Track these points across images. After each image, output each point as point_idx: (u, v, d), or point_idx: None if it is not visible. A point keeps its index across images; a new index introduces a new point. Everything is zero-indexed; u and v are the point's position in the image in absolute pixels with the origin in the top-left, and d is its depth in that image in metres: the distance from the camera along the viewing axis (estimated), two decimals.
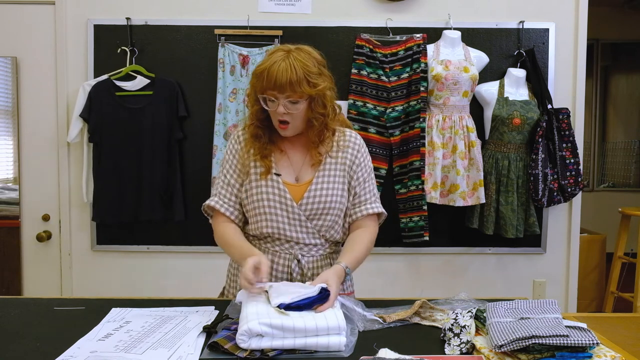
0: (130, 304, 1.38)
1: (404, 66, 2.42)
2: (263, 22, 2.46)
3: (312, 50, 1.41)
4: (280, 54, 1.32)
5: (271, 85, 1.30)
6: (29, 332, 1.19)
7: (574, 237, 2.57)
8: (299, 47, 1.37)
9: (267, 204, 1.39)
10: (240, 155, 1.44)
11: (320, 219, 1.42)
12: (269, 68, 1.30)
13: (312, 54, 1.39)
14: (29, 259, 2.54)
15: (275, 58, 1.31)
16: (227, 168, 1.46)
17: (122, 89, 2.40)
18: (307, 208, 1.40)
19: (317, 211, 1.41)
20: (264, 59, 1.36)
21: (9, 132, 2.49)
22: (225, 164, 1.47)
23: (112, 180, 2.41)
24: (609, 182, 5.43)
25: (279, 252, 1.44)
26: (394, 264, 2.55)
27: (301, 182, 1.42)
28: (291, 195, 1.39)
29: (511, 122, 2.35)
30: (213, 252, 2.53)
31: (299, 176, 1.44)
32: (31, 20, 2.48)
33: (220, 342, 1.06)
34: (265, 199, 1.39)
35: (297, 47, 1.36)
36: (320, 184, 1.42)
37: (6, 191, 2.52)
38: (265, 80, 1.31)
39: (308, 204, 1.40)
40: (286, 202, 1.39)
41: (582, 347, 0.97)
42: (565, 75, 2.52)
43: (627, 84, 5.40)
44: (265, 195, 1.39)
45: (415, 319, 1.27)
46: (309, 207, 1.40)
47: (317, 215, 1.41)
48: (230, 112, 2.43)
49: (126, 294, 2.42)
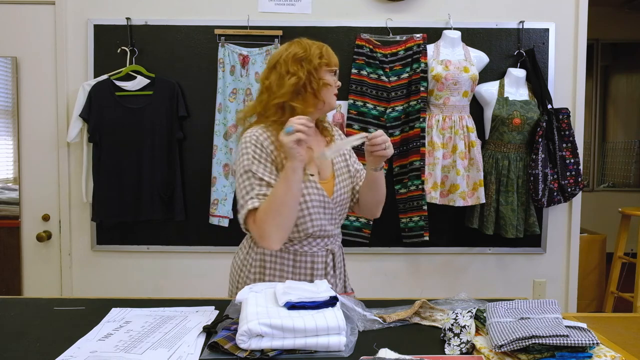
0: (130, 304, 1.38)
1: (404, 66, 2.42)
2: (263, 22, 2.46)
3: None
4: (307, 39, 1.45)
5: (334, 60, 1.43)
6: (29, 332, 1.19)
7: (574, 237, 2.57)
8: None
9: (310, 204, 1.40)
10: (269, 155, 1.37)
11: (344, 209, 1.52)
12: (322, 48, 1.42)
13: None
14: (29, 259, 2.54)
15: (310, 41, 1.44)
16: (260, 170, 1.35)
17: (122, 89, 2.40)
18: (337, 201, 1.47)
19: (344, 202, 1.50)
20: (295, 47, 1.41)
21: (9, 132, 2.49)
22: (253, 166, 1.34)
23: (112, 180, 2.41)
24: (609, 182, 5.43)
25: (316, 252, 1.47)
26: (394, 264, 2.55)
27: (326, 178, 1.47)
28: (325, 192, 1.44)
29: (511, 122, 2.35)
30: (213, 252, 2.54)
31: (320, 171, 1.46)
32: (31, 20, 2.48)
33: (220, 342, 1.06)
34: (308, 200, 1.40)
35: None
36: (342, 175, 1.50)
37: (6, 191, 2.52)
38: (329, 57, 1.42)
39: (338, 197, 1.47)
40: (325, 200, 1.43)
41: (582, 347, 0.97)
42: (565, 75, 2.52)
43: (627, 84, 5.40)
44: (308, 197, 1.40)
45: (415, 319, 1.27)
46: (338, 201, 1.48)
47: (343, 206, 1.51)
48: (230, 112, 2.43)
49: (126, 294, 2.44)
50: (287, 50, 1.42)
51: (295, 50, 1.40)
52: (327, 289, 1.20)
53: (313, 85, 1.38)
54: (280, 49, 1.45)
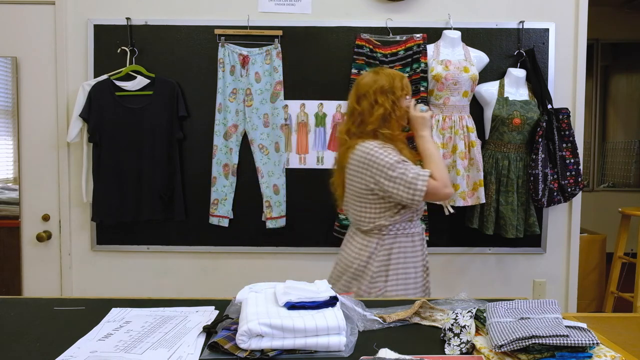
0: (130, 304, 1.38)
1: (404, 66, 2.42)
2: (263, 22, 2.46)
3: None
4: (387, 69, 1.78)
5: (410, 88, 1.78)
6: (29, 332, 1.19)
7: (574, 237, 2.57)
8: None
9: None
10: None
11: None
12: (403, 79, 1.74)
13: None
14: (29, 259, 2.54)
15: (391, 72, 1.75)
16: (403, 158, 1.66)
17: (122, 89, 2.40)
18: None
19: None
20: (382, 80, 1.70)
21: (9, 132, 2.49)
22: (399, 157, 1.65)
23: (112, 180, 2.41)
24: (609, 182, 5.43)
25: (421, 231, 1.81)
26: None
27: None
28: None
29: (511, 122, 2.35)
30: (213, 252, 2.54)
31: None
32: (31, 20, 2.48)
33: (220, 342, 1.06)
34: None
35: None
36: None
37: (6, 191, 2.52)
38: (408, 87, 1.76)
39: None
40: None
41: (582, 347, 0.97)
42: (565, 75, 2.52)
43: (627, 84, 5.40)
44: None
45: (415, 319, 1.27)
46: None
47: None
48: (230, 112, 2.43)
49: (126, 294, 2.44)
50: (375, 81, 1.70)
51: (382, 82, 1.69)
52: (327, 289, 1.20)
53: (396, 112, 1.70)
54: (368, 79, 1.72)
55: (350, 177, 1.75)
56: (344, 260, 1.81)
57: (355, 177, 1.72)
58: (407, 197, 1.61)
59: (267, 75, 2.44)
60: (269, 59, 2.44)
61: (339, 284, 1.80)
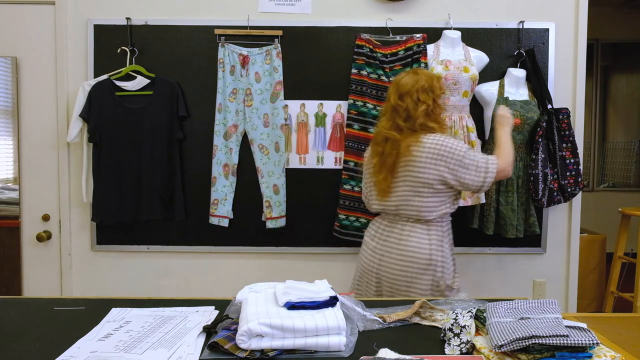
0: (130, 304, 1.38)
1: (404, 66, 2.42)
2: (263, 22, 2.46)
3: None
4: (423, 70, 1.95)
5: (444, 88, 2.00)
6: (29, 332, 1.19)
7: (574, 237, 2.57)
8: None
9: None
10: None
11: None
12: (440, 80, 1.91)
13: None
14: (29, 259, 2.54)
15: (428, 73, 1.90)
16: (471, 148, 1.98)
17: (122, 89, 2.40)
18: None
19: None
20: (422, 80, 1.84)
21: (9, 132, 2.49)
22: (468, 145, 1.95)
23: (112, 180, 2.41)
24: (609, 182, 5.43)
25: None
26: None
27: None
28: None
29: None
30: (213, 252, 2.54)
31: None
32: (31, 20, 2.48)
33: (220, 342, 1.06)
34: None
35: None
36: None
37: (6, 191, 2.52)
38: (443, 87, 1.94)
39: None
40: None
41: (582, 347, 0.97)
42: (565, 75, 2.52)
43: (627, 84, 5.40)
44: None
45: (415, 319, 1.27)
46: None
47: None
48: (230, 112, 2.43)
49: (126, 294, 2.44)
50: (416, 81, 1.83)
51: (423, 82, 1.82)
52: (327, 289, 1.20)
53: (436, 110, 1.84)
54: (409, 79, 1.84)
55: (415, 169, 1.80)
56: (408, 253, 1.83)
57: (424, 168, 1.78)
58: (479, 181, 1.78)
59: (267, 75, 2.44)
60: (269, 59, 2.44)
61: (404, 277, 1.82)
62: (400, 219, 1.88)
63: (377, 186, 1.89)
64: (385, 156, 1.84)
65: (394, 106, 1.84)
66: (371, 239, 1.95)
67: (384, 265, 1.87)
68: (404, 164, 1.81)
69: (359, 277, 1.99)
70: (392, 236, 1.88)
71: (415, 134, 1.81)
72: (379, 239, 1.92)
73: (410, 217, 1.85)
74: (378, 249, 1.90)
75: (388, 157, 1.83)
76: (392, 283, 1.85)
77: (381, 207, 1.92)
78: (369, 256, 1.93)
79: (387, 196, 1.87)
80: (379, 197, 1.90)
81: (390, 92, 1.89)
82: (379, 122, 1.91)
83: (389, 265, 1.86)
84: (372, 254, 1.91)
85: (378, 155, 1.88)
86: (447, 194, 1.83)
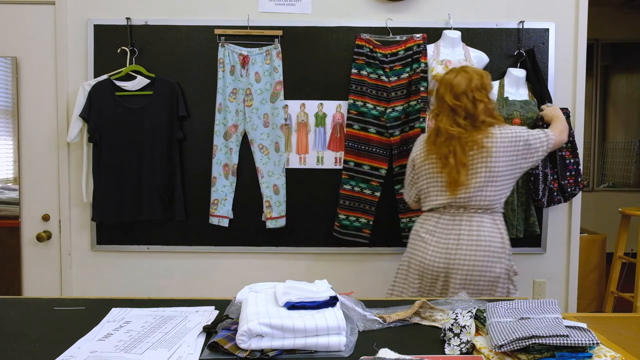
0: (130, 304, 1.38)
1: (404, 66, 2.42)
2: (263, 22, 2.46)
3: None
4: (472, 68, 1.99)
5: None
6: (29, 332, 1.19)
7: (574, 237, 2.57)
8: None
9: None
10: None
11: None
12: (489, 76, 1.98)
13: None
14: (29, 259, 2.54)
15: (477, 70, 1.97)
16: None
17: (122, 89, 2.40)
18: None
19: None
20: (476, 79, 1.91)
21: (9, 132, 2.49)
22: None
23: (112, 180, 2.41)
24: (609, 182, 5.43)
25: None
26: (394, 264, 2.54)
27: None
28: None
29: (511, 122, 2.34)
30: (213, 252, 2.54)
31: None
32: (31, 20, 2.48)
33: (220, 342, 1.06)
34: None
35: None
36: None
37: (6, 191, 2.52)
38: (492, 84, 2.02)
39: None
40: None
41: (582, 347, 0.97)
42: (565, 75, 2.52)
43: (627, 84, 5.40)
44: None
45: (415, 319, 1.27)
46: None
47: None
48: (230, 112, 2.43)
49: (126, 294, 2.44)
50: (470, 80, 1.89)
51: (476, 82, 1.89)
52: (327, 289, 1.20)
53: (490, 105, 1.92)
54: (462, 79, 1.89)
55: (490, 160, 1.86)
56: (484, 243, 1.86)
57: (499, 158, 1.86)
58: (544, 153, 1.92)
59: (267, 75, 2.44)
60: (269, 59, 2.44)
61: (480, 269, 1.85)
62: (467, 211, 1.90)
63: (449, 180, 1.90)
64: (456, 152, 1.88)
65: (452, 106, 1.88)
66: (430, 234, 1.94)
67: (457, 259, 1.86)
68: (478, 156, 1.86)
69: (418, 275, 1.95)
70: (462, 229, 1.89)
71: (481, 128, 1.88)
72: (441, 233, 1.92)
73: (480, 207, 1.89)
74: (443, 244, 1.90)
75: (460, 152, 1.87)
76: (466, 276, 1.85)
77: (447, 201, 1.92)
78: (433, 253, 1.91)
79: (458, 189, 1.89)
80: (447, 191, 1.91)
81: (443, 91, 1.92)
82: (439, 121, 1.92)
83: (463, 258, 1.86)
84: (437, 250, 1.90)
85: (445, 152, 1.90)
86: (513, 182, 1.94)
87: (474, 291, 1.85)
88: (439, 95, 1.95)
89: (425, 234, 1.96)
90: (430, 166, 1.96)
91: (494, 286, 1.87)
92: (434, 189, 1.96)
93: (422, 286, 1.95)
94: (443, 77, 1.97)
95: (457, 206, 1.91)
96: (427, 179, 1.99)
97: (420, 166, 2.02)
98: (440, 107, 1.94)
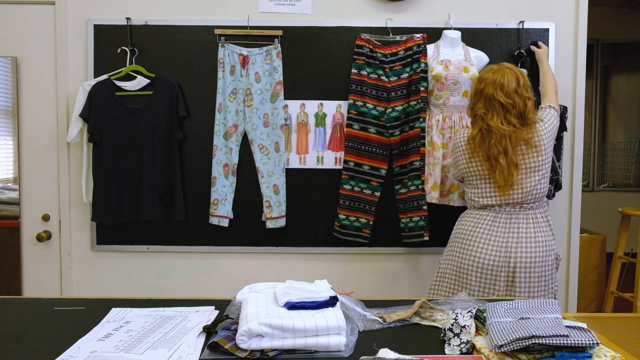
0: (130, 304, 1.38)
1: (404, 66, 2.42)
2: (263, 22, 2.46)
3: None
4: (510, 65, 2.02)
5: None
6: (29, 332, 1.19)
7: (574, 237, 2.57)
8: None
9: None
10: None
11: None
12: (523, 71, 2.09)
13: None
14: (29, 259, 2.54)
15: (517, 69, 2.02)
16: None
17: (122, 89, 2.40)
18: None
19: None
20: (522, 77, 1.99)
21: (9, 132, 2.49)
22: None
23: (112, 180, 2.41)
24: (609, 182, 5.43)
25: None
26: (394, 264, 2.55)
27: None
28: None
29: None
30: (213, 252, 2.54)
31: None
32: (31, 20, 2.48)
33: (220, 342, 1.06)
34: None
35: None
36: None
37: (6, 191, 2.52)
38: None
39: None
40: None
41: (582, 347, 0.97)
42: (565, 75, 2.52)
43: (627, 84, 5.41)
44: None
45: (415, 319, 1.27)
46: None
47: None
48: (230, 112, 2.43)
49: (126, 294, 2.44)
50: (517, 79, 1.94)
51: (522, 80, 1.94)
52: (327, 289, 1.20)
53: (533, 103, 1.97)
54: (508, 78, 1.93)
55: (545, 158, 1.95)
56: (543, 239, 1.94)
57: (549, 151, 1.97)
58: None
59: (267, 75, 2.44)
60: (269, 59, 2.44)
61: (542, 262, 1.93)
62: (523, 208, 1.96)
63: (500, 182, 1.93)
64: (507, 151, 1.91)
65: (504, 105, 1.91)
66: (488, 234, 1.95)
67: (522, 256, 1.91)
68: (528, 154, 1.93)
69: (476, 274, 1.94)
70: (520, 226, 1.94)
71: (529, 125, 1.93)
72: (499, 232, 1.94)
73: (535, 200, 1.97)
74: (502, 242, 1.92)
75: (511, 152, 1.91)
76: (530, 272, 1.91)
77: (500, 201, 1.96)
78: (493, 251, 1.92)
79: (512, 189, 1.93)
80: (500, 191, 1.95)
81: (491, 90, 1.93)
82: (489, 120, 1.92)
83: (527, 255, 1.91)
84: (497, 249, 1.92)
85: (495, 153, 1.92)
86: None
87: (537, 285, 1.93)
88: (487, 94, 1.94)
89: (482, 233, 1.96)
90: (479, 168, 1.99)
91: (551, 275, 1.98)
92: (486, 188, 2.00)
93: (483, 285, 1.94)
94: (487, 77, 1.97)
95: (514, 203, 1.96)
96: (476, 179, 2.02)
97: (466, 169, 2.04)
98: (489, 106, 1.94)
